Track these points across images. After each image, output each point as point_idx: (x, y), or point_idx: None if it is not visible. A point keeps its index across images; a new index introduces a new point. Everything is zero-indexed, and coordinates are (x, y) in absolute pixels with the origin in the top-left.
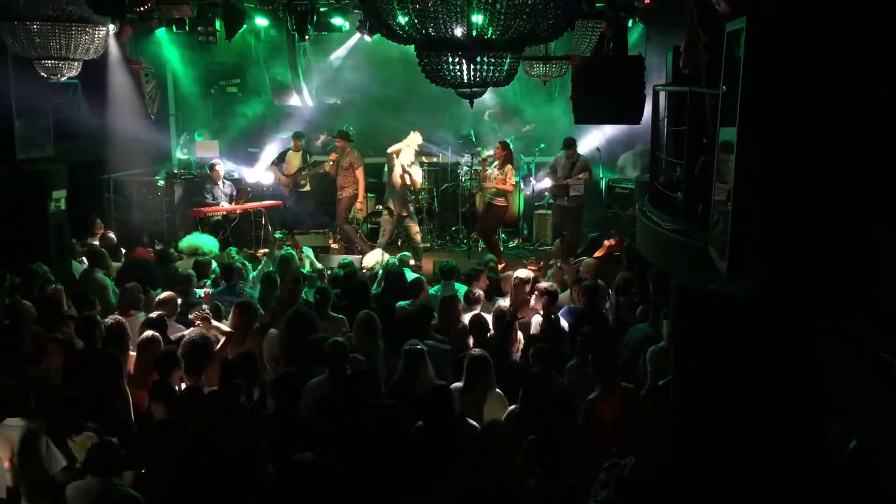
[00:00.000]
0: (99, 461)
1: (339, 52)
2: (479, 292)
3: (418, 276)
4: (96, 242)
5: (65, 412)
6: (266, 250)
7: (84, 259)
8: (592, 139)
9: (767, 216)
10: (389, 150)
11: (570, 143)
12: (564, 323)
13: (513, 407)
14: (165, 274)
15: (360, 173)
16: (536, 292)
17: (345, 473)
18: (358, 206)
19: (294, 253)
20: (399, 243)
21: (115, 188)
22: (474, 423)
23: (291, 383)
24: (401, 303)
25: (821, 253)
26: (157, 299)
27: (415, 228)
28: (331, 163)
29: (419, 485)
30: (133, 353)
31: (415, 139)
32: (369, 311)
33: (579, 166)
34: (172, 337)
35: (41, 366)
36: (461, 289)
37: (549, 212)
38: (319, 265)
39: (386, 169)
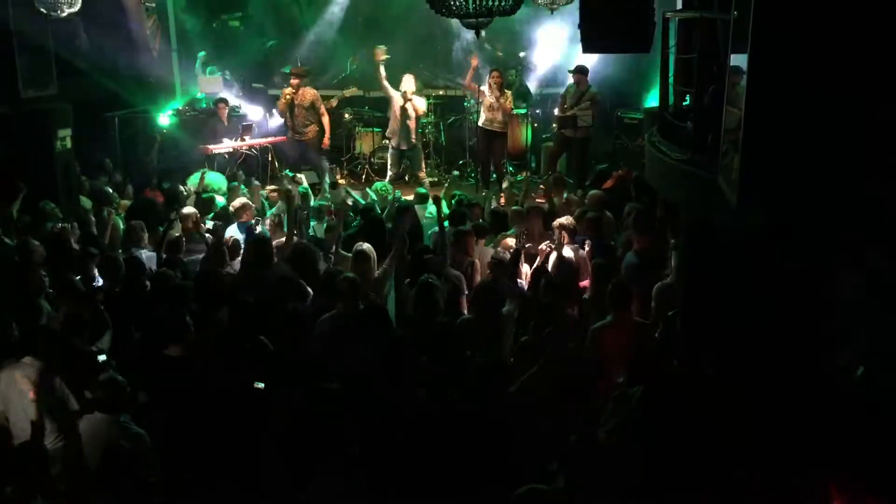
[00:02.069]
0: (106, 399)
1: None
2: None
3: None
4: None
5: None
6: (273, 187)
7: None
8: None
9: (779, 144)
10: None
11: (580, 72)
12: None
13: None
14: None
15: (323, 110)
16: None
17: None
18: (325, 143)
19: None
20: (406, 178)
21: (120, 126)
22: None
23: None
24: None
25: (833, 182)
26: (166, 238)
27: (421, 162)
28: (283, 99)
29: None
30: None
31: (408, 80)
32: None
33: (588, 96)
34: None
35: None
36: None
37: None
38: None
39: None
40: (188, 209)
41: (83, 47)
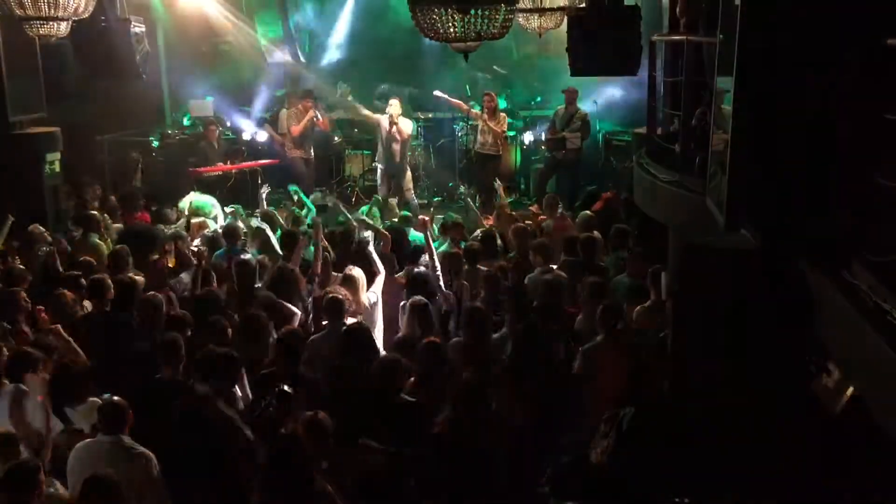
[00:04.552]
0: (108, 420)
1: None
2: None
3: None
4: (95, 205)
5: (66, 381)
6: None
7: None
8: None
9: (765, 166)
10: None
11: (570, 94)
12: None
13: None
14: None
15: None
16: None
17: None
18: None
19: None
20: (396, 201)
21: (109, 150)
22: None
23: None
24: None
25: (819, 202)
26: (152, 260)
27: (409, 184)
28: (303, 122)
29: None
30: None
31: (394, 105)
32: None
33: (578, 117)
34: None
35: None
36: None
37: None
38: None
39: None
40: (175, 231)
41: (72, 71)
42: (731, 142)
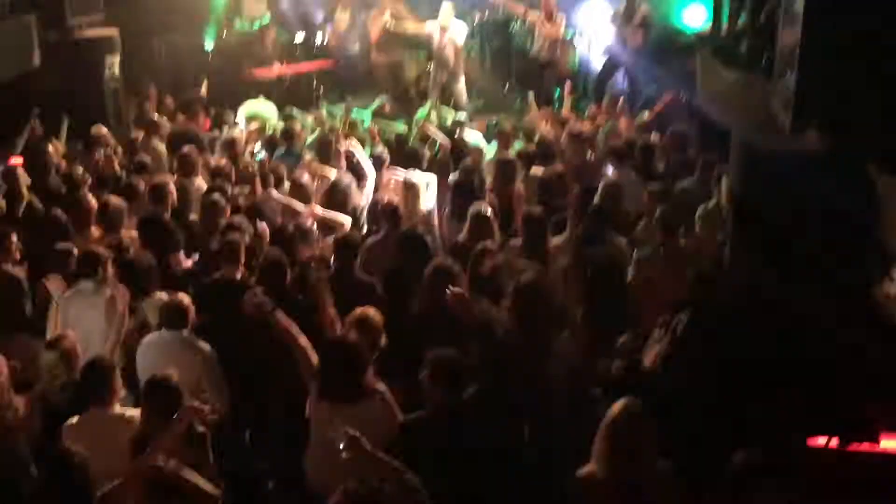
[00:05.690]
0: (170, 316)
1: None
2: None
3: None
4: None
5: (132, 277)
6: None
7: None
8: None
9: (836, 63)
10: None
11: None
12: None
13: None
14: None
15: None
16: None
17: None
18: None
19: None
20: (450, 104)
21: (165, 52)
22: None
23: (346, 244)
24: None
25: (892, 105)
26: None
27: (462, 89)
28: (379, 28)
29: None
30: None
31: (445, 12)
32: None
33: (640, 14)
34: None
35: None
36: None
37: None
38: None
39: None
40: (235, 134)
41: None
42: (801, 36)
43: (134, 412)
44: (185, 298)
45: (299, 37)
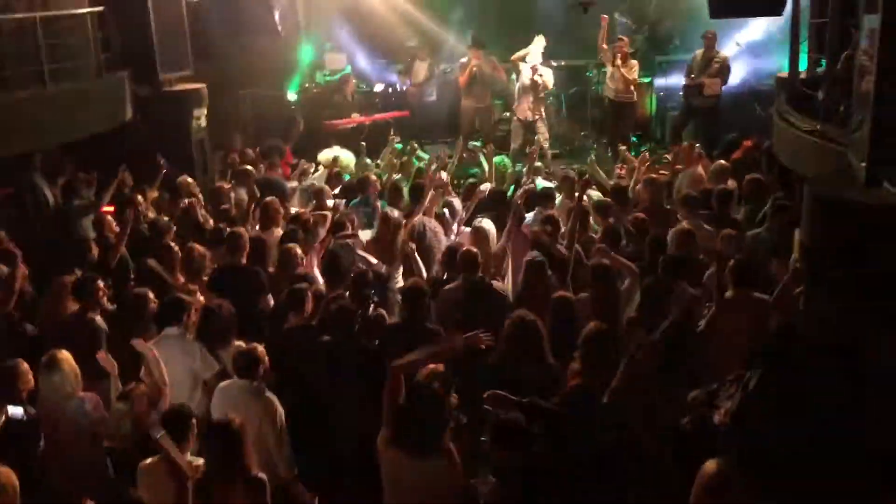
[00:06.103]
0: (243, 365)
1: None
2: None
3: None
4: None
5: (213, 324)
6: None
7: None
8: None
9: None
10: (514, 56)
11: (709, 39)
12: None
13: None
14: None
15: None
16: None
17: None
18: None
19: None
20: (527, 150)
21: (250, 105)
22: None
23: (418, 292)
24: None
25: None
26: (290, 214)
27: (544, 134)
28: (468, 73)
29: None
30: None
31: (539, 42)
32: None
33: (717, 62)
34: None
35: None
36: None
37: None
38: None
39: (513, 76)
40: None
41: (214, 29)
42: (875, 85)
43: (201, 461)
44: (258, 348)
45: (378, 87)
